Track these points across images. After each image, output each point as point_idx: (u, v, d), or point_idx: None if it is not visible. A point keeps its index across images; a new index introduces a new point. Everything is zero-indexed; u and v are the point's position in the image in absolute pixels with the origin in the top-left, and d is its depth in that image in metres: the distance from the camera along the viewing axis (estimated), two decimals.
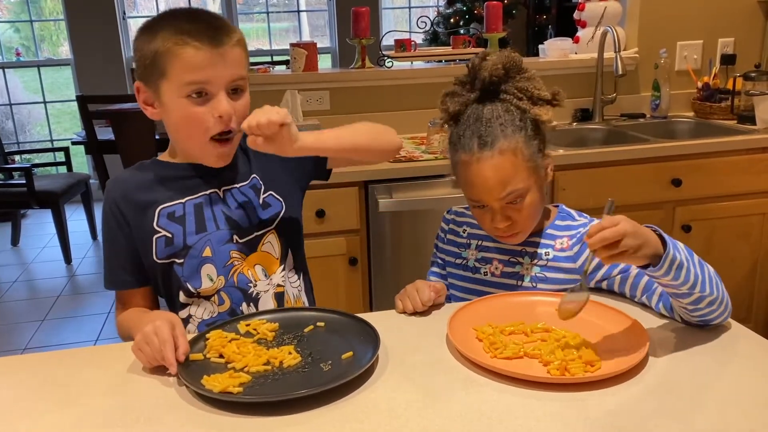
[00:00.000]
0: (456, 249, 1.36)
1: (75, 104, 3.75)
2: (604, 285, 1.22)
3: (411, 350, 1.06)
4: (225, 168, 1.24)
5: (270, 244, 1.27)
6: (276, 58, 5.39)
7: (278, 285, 1.27)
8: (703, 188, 2.33)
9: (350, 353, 1.02)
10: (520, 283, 1.27)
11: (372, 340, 1.03)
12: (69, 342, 3.00)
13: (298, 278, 1.33)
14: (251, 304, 1.24)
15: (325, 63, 5.50)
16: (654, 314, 1.15)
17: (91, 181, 4.41)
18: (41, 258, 4.14)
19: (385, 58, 2.70)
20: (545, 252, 1.26)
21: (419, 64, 2.87)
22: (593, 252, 0.97)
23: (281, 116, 1.07)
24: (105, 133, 3.50)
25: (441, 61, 2.87)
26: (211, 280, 1.22)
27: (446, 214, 1.42)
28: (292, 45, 2.60)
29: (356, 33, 2.63)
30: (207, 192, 1.24)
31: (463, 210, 1.39)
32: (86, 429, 0.89)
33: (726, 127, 2.54)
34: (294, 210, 1.32)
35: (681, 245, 1.04)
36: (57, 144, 5.34)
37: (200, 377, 0.97)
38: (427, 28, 3.94)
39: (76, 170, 4.47)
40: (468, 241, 1.35)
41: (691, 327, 1.10)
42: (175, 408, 0.93)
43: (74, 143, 3.93)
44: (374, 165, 2.16)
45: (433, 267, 1.43)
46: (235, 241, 1.23)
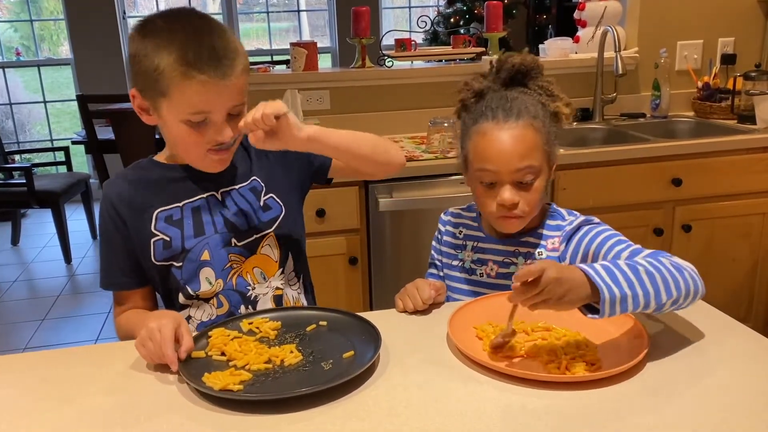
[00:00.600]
0: (452, 251, 1.36)
1: (75, 104, 3.75)
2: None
3: (411, 349, 1.06)
4: (224, 169, 1.24)
5: (269, 247, 1.27)
6: (276, 58, 5.39)
7: (277, 288, 1.27)
8: (704, 188, 2.33)
9: (351, 352, 1.02)
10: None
11: (373, 340, 1.03)
12: (69, 341, 3.00)
13: (298, 280, 1.33)
14: (250, 307, 1.24)
15: (325, 62, 5.50)
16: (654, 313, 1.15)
17: (91, 181, 4.41)
18: (41, 257, 4.14)
19: (386, 58, 2.70)
20: (538, 252, 1.26)
21: (419, 64, 2.87)
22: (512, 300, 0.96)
23: (275, 108, 1.07)
24: (105, 133, 3.50)
25: (441, 61, 2.87)
26: (210, 283, 1.22)
27: (443, 216, 1.42)
28: (292, 44, 2.60)
29: (356, 32, 2.63)
30: (205, 195, 1.23)
31: (460, 211, 1.40)
32: (86, 428, 0.89)
33: (726, 127, 2.54)
34: (294, 212, 1.32)
35: (620, 269, 0.98)
36: (57, 143, 5.33)
37: (201, 375, 0.97)
38: (428, 28, 3.94)
39: (76, 170, 4.47)
40: (464, 243, 1.34)
41: (693, 324, 1.10)
42: (176, 406, 0.93)
43: (74, 143, 3.94)
44: None
45: (431, 268, 1.43)
46: (234, 245, 1.23)
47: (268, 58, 5.49)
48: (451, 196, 2.10)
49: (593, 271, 0.96)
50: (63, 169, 4.38)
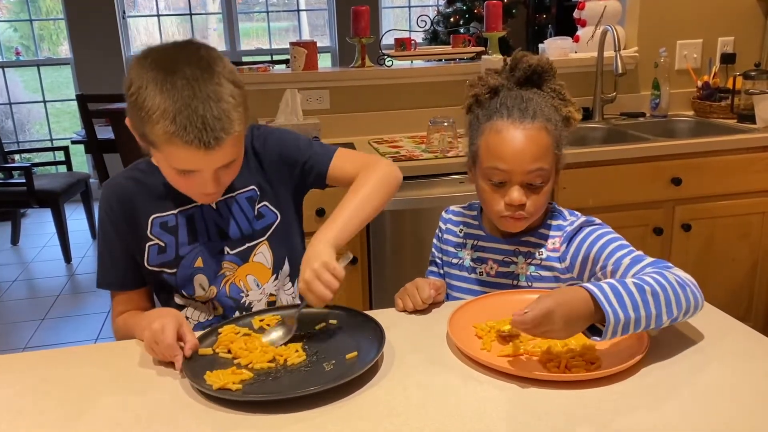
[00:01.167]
0: (452, 249, 1.36)
1: (75, 103, 3.75)
2: (600, 276, 1.21)
3: (411, 348, 1.06)
4: None
5: (262, 255, 1.27)
6: (276, 58, 5.39)
7: (271, 294, 1.28)
8: (703, 187, 2.33)
9: (355, 353, 1.02)
10: (516, 283, 1.27)
11: (378, 341, 1.03)
12: (69, 341, 3.00)
13: (293, 285, 1.33)
14: (244, 313, 1.24)
15: (325, 62, 5.50)
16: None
17: (91, 181, 4.41)
18: (41, 257, 4.14)
19: (385, 57, 2.70)
20: (538, 251, 1.25)
21: (419, 63, 2.87)
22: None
23: (333, 284, 1.07)
24: (105, 132, 3.50)
25: (441, 60, 2.87)
26: (204, 289, 1.23)
27: (444, 214, 1.42)
28: (292, 44, 2.60)
29: (356, 32, 2.63)
30: (199, 203, 1.22)
31: (461, 209, 1.39)
32: (86, 427, 0.89)
33: (726, 126, 2.54)
34: (290, 218, 1.31)
35: (628, 289, 0.97)
36: (57, 143, 5.33)
37: (204, 372, 0.97)
38: (427, 27, 3.94)
39: (76, 169, 4.47)
40: (464, 241, 1.34)
41: (692, 324, 1.09)
42: (176, 405, 0.93)
43: (74, 142, 3.94)
44: None
45: (431, 266, 1.43)
46: (227, 252, 1.23)
47: (268, 58, 5.49)
48: (451, 196, 2.10)
49: (600, 292, 0.95)
50: (63, 169, 4.38)
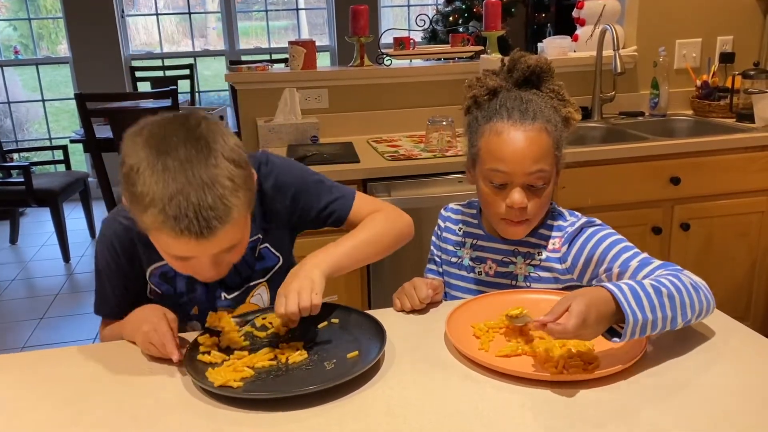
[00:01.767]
0: (451, 247, 1.36)
1: (73, 102, 3.74)
2: (605, 278, 1.21)
3: (409, 348, 1.06)
4: None
5: (260, 296, 1.24)
6: (275, 57, 5.38)
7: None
8: (702, 186, 2.33)
9: (356, 353, 1.03)
10: (514, 283, 1.27)
11: (379, 341, 1.03)
12: (67, 340, 3.00)
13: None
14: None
15: (324, 61, 5.49)
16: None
17: (90, 180, 4.40)
18: (40, 256, 4.14)
19: (384, 56, 2.70)
20: (537, 252, 1.25)
21: (418, 62, 2.86)
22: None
23: (309, 306, 1.03)
24: (103, 131, 3.49)
25: (440, 59, 2.87)
26: (194, 329, 1.21)
27: (443, 212, 1.41)
28: (291, 43, 2.59)
29: (355, 31, 2.63)
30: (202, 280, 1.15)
31: (460, 207, 1.39)
32: (85, 426, 0.89)
33: (725, 126, 2.54)
34: (291, 258, 1.28)
35: (645, 291, 0.98)
36: (55, 142, 5.33)
37: (206, 369, 0.98)
38: (426, 26, 3.93)
39: (75, 168, 4.47)
40: (463, 240, 1.34)
41: (689, 325, 1.09)
42: (175, 402, 0.93)
43: (73, 141, 3.93)
44: (372, 163, 2.17)
45: (430, 264, 1.43)
46: (224, 298, 1.21)
47: (267, 57, 5.49)
48: (450, 195, 2.10)
49: (620, 293, 0.96)
50: (61, 168, 4.37)
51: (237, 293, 1.21)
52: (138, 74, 4.99)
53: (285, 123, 2.43)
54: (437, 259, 1.40)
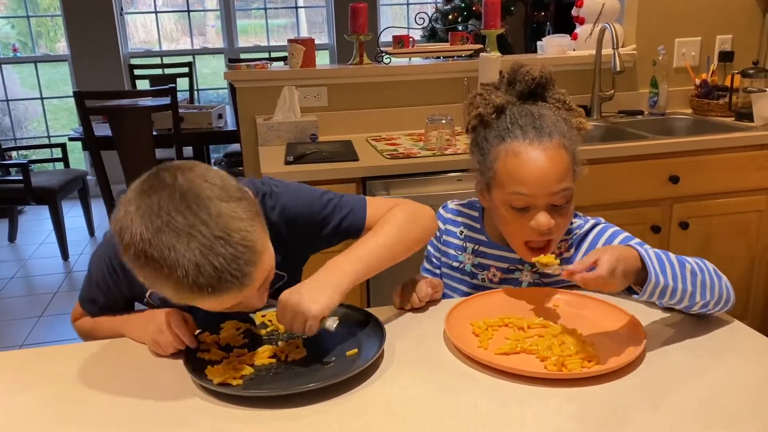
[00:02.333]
0: (452, 251, 1.32)
1: (72, 100, 3.73)
2: None
3: (408, 346, 1.06)
4: None
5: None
6: (274, 55, 5.38)
7: None
8: (701, 185, 2.33)
9: (355, 350, 1.03)
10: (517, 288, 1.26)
11: (378, 340, 1.03)
12: (66, 338, 2.99)
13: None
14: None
15: (323, 59, 5.49)
16: (650, 309, 1.15)
17: (89, 178, 4.40)
18: (38, 254, 4.13)
19: (383, 55, 2.70)
20: None
21: (417, 61, 2.86)
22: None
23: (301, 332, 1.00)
24: (102, 129, 3.48)
25: (439, 58, 2.87)
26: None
27: (442, 211, 1.37)
28: (290, 41, 2.59)
29: (354, 29, 2.63)
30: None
31: (460, 208, 1.35)
32: (84, 423, 0.89)
33: (724, 124, 2.55)
34: (298, 273, 1.25)
35: (670, 260, 1.01)
36: (54, 140, 5.32)
37: (205, 367, 0.98)
38: (425, 25, 3.93)
39: (74, 166, 4.46)
40: (464, 245, 1.31)
41: (689, 323, 1.10)
42: (175, 400, 0.93)
43: (71, 139, 3.92)
44: (371, 161, 2.17)
45: (426, 263, 1.40)
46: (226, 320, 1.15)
47: (266, 55, 5.48)
48: (449, 193, 2.09)
49: (646, 254, 0.99)
50: (60, 166, 4.37)
51: (239, 312, 1.14)
52: (137, 72, 4.99)
53: (284, 121, 2.43)
54: (435, 261, 1.38)
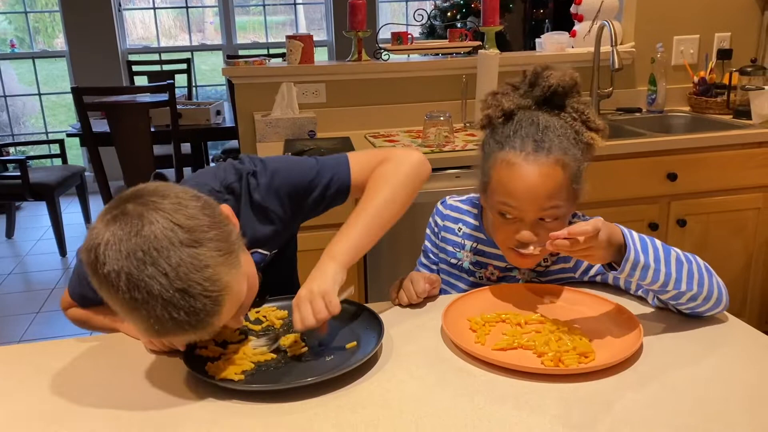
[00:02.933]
0: (450, 248, 1.32)
1: (70, 96, 3.72)
2: (599, 279, 1.22)
3: (406, 341, 1.06)
4: None
5: None
6: (272, 51, 5.37)
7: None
8: (699, 183, 2.33)
9: (354, 343, 1.03)
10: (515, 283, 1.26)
11: (376, 332, 1.04)
12: (64, 334, 2.98)
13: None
14: None
15: (322, 56, 5.48)
16: (647, 307, 1.15)
17: (87, 174, 4.39)
18: (36, 250, 4.13)
19: (382, 51, 2.69)
20: (543, 260, 1.24)
21: (416, 58, 2.86)
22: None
23: (326, 316, 0.99)
24: (100, 126, 3.48)
25: (438, 55, 2.87)
26: None
27: (441, 207, 1.36)
28: (288, 37, 2.59)
29: (353, 26, 2.62)
30: None
31: (459, 204, 1.34)
32: (82, 418, 0.89)
33: (722, 122, 2.55)
34: (284, 249, 1.24)
35: (657, 243, 1.04)
36: (52, 136, 5.31)
37: (205, 363, 0.98)
38: (424, 21, 3.93)
39: (71, 162, 4.45)
40: (463, 242, 1.30)
41: (685, 319, 1.10)
42: (174, 395, 0.93)
43: (69, 135, 3.91)
44: None
45: (423, 258, 1.39)
46: None
47: (264, 52, 5.47)
48: (447, 190, 2.09)
49: (629, 234, 1.02)
50: (58, 162, 4.36)
51: None
52: (135, 68, 4.98)
53: (282, 117, 2.43)
54: (432, 257, 1.37)
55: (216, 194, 1.08)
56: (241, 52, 5.32)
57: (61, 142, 4.35)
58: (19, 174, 3.71)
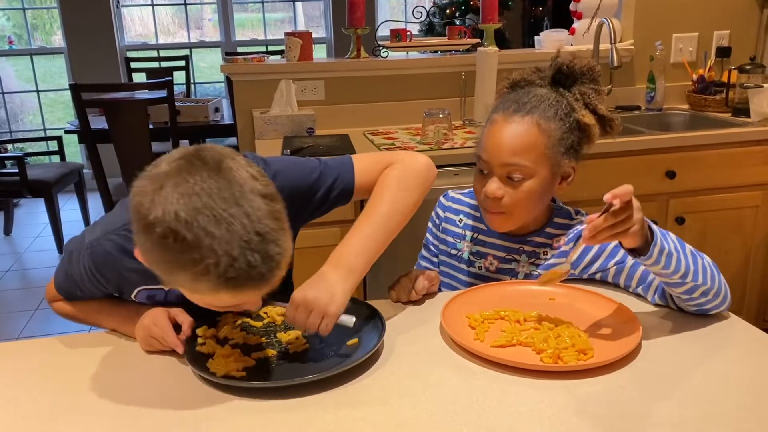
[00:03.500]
0: (451, 239, 1.34)
1: (68, 93, 3.72)
2: (598, 277, 1.22)
3: (404, 339, 1.06)
4: None
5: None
6: (271, 48, 5.36)
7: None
8: (697, 180, 2.33)
9: (356, 340, 1.03)
10: (514, 280, 1.27)
11: (377, 329, 1.04)
12: (62, 331, 2.98)
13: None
14: None
15: (320, 53, 5.47)
16: (646, 303, 1.16)
17: (85, 171, 4.38)
18: (34, 247, 4.13)
19: (381, 48, 2.69)
20: (543, 251, 1.25)
21: (415, 55, 2.86)
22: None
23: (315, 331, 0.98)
24: (98, 122, 3.47)
25: (436, 52, 2.87)
26: None
27: (443, 199, 1.39)
28: (287, 34, 2.58)
29: (351, 23, 2.62)
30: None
31: (461, 197, 1.37)
32: (80, 414, 0.89)
33: (720, 120, 2.55)
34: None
35: (672, 237, 1.04)
36: (50, 133, 5.30)
37: (206, 360, 0.98)
38: (423, 19, 3.92)
39: (70, 159, 4.44)
40: (464, 232, 1.33)
41: (684, 316, 1.10)
42: (173, 391, 0.93)
43: (67, 132, 3.91)
44: None
45: (424, 251, 1.42)
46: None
47: (263, 49, 5.47)
48: (446, 188, 2.09)
49: (650, 221, 1.01)
50: (56, 159, 4.35)
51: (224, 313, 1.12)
52: (133, 65, 4.97)
53: (281, 115, 2.42)
54: (433, 249, 1.39)
55: None
56: (240, 49, 5.31)
57: (59, 139, 4.34)
58: (17, 171, 3.71)
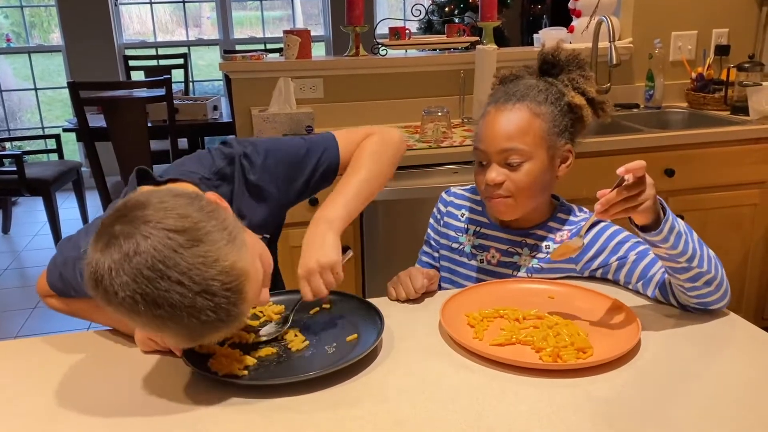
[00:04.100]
0: (452, 233, 1.35)
1: (66, 91, 3.71)
2: (599, 273, 1.22)
3: (403, 337, 1.06)
4: None
5: None
6: (269, 46, 5.36)
7: None
8: (696, 179, 2.33)
9: (355, 335, 1.03)
10: (515, 273, 1.27)
11: (376, 325, 1.04)
12: (60, 330, 2.99)
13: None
14: None
15: (319, 51, 5.47)
16: (647, 301, 1.16)
17: (83, 169, 4.37)
18: (32, 246, 4.12)
19: (379, 46, 2.69)
20: (545, 245, 1.25)
21: (413, 53, 2.86)
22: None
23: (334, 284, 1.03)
24: (97, 120, 3.46)
25: (435, 50, 2.86)
26: None
27: (444, 195, 1.41)
28: (286, 32, 2.58)
29: (350, 20, 2.61)
30: None
31: (463, 192, 1.39)
32: (79, 412, 0.89)
33: (719, 118, 2.55)
34: (279, 231, 1.24)
35: (681, 222, 1.04)
36: (48, 131, 5.29)
37: (206, 359, 0.97)
38: (422, 17, 3.92)
39: (68, 158, 4.44)
40: (466, 226, 1.34)
41: (684, 314, 1.10)
42: (173, 390, 0.93)
43: (65, 130, 3.90)
44: None
45: (425, 246, 1.43)
46: None
47: (262, 46, 5.46)
48: (445, 186, 2.09)
49: (661, 200, 1.01)
50: (54, 157, 4.35)
51: None
52: (131, 63, 4.96)
53: (279, 112, 2.42)
54: (434, 244, 1.40)
55: (206, 182, 1.07)
56: (238, 47, 5.31)
57: (58, 137, 4.34)
58: (16, 169, 3.70)
